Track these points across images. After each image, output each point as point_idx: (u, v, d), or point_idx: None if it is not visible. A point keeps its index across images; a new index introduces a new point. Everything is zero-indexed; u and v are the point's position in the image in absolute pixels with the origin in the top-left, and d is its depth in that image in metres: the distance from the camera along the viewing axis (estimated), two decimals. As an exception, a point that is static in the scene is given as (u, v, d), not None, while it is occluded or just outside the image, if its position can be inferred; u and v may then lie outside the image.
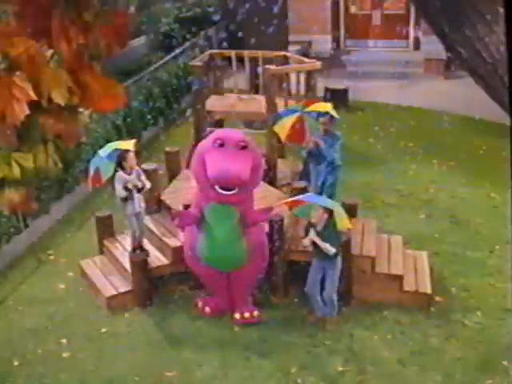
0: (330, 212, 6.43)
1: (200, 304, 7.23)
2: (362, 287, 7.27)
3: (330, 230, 6.53)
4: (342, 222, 6.40)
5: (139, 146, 10.18)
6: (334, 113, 7.63)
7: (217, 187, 6.20)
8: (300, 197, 6.75)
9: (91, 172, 6.92)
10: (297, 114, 7.56)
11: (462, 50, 3.10)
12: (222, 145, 6.26)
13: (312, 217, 6.57)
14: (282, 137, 7.81)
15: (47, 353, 6.76)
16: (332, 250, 6.51)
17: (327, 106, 7.72)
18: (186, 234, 7.05)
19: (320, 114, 7.74)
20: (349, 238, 7.05)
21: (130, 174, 7.13)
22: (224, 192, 6.20)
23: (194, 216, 6.66)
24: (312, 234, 6.55)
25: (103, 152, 6.96)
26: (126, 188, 7.09)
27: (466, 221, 9.06)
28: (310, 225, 6.63)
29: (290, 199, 6.90)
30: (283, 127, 7.69)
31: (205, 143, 6.53)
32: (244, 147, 6.27)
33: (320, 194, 7.59)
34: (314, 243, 6.60)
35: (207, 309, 7.15)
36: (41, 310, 7.45)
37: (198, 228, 6.69)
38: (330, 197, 7.48)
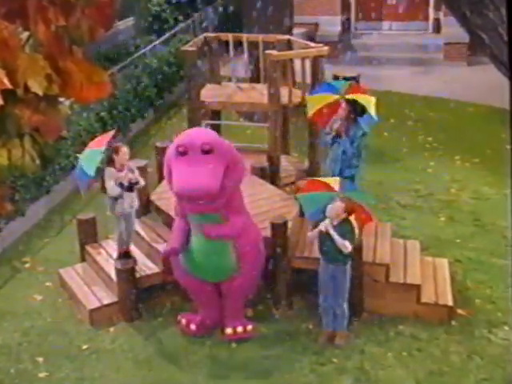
0: (350, 211, 6.43)
1: (183, 321, 7.16)
2: (374, 298, 7.28)
3: (347, 228, 6.49)
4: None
5: (125, 141, 10.21)
6: (372, 110, 7.62)
7: None
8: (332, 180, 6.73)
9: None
10: (335, 97, 7.75)
11: (484, 36, 3.10)
12: (184, 152, 6.16)
13: (328, 212, 6.45)
14: (309, 112, 8.12)
15: (21, 372, 6.76)
16: (349, 247, 6.45)
17: (371, 100, 7.73)
18: None
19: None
20: (360, 242, 7.05)
21: (120, 170, 7.15)
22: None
23: (179, 245, 6.69)
24: (328, 224, 6.44)
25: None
26: (120, 184, 7.09)
27: (492, 224, 9.07)
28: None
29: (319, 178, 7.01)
30: (314, 104, 7.99)
31: (170, 149, 6.41)
32: (209, 151, 6.14)
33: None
34: (320, 240, 6.56)
35: (192, 326, 7.09)
36: (14, 324, 7.45)
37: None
38: None
